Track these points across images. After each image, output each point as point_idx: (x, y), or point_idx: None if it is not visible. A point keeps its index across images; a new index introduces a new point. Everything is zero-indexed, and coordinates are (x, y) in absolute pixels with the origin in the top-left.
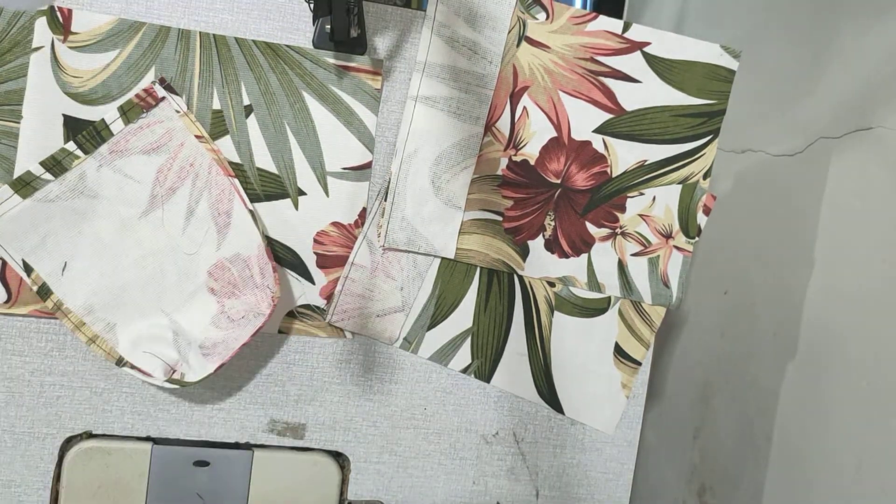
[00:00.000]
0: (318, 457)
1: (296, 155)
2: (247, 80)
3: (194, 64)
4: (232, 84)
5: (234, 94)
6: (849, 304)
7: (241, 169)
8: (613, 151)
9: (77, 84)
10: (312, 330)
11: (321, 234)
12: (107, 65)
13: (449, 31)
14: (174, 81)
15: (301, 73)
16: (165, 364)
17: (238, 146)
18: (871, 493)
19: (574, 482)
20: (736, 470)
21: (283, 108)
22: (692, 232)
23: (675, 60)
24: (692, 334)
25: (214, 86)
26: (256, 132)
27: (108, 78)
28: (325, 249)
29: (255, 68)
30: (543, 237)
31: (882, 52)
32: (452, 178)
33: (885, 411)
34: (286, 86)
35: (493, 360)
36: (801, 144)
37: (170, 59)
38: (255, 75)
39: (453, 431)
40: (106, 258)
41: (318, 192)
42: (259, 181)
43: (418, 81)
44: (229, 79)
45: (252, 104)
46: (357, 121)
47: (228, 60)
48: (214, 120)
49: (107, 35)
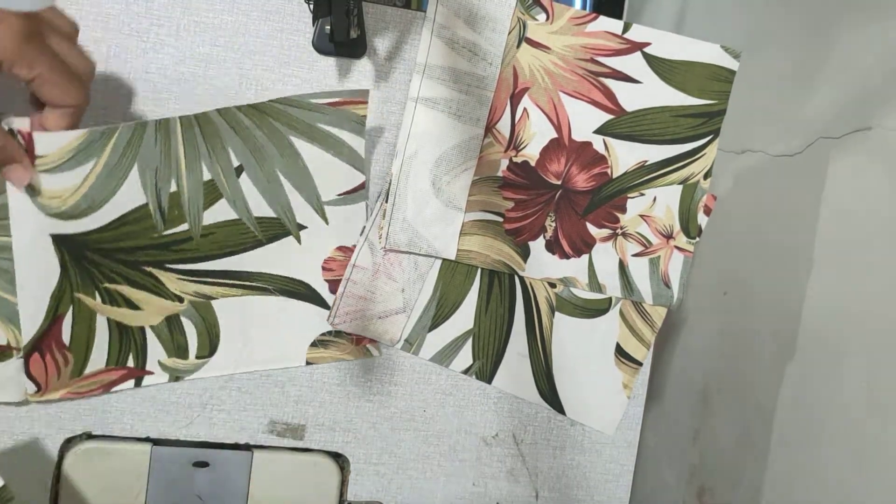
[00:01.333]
0: (317, 458)
1: (291, 195)
2: (234, 144)
3: (178, 147)
4: (220, 153)
5: (222, 160)
6: (849, 305)
7: (240, 223)
8: (614, 152)
9: (57, 204)
10: (339, 355)
11: (328, 261)
12: (85, 177)
13: (449, 33)
14: (160, 170)
15: (287, 121)
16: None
17: (234, 204)
18: (871, 495)
19: (574, 483)
20: (736, 471)
21: (273, 158)
22: (693, 232)
23: (676, 61)
24: (692, 335)
25: (202, 160)
26: (250, 186)
27: (90, 189)
28: (335, 275)
29: (241, 131)
30: (544, 238)
31: (882, 52)
32: (453, 179)
33: (884, 412)
34: (273, 138)
35: (494, 362)
36: (801, 145)
37: (150, 151)
38: (241, 137)
39: (453, 433)
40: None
41: (317, 222)
42: (259, 228)
43: (418, 83)
44: (216, 149)
45: (242, 164)
46: (346, 148)
47: (213, 133)
48: (207, 190)
49: (77, 150)
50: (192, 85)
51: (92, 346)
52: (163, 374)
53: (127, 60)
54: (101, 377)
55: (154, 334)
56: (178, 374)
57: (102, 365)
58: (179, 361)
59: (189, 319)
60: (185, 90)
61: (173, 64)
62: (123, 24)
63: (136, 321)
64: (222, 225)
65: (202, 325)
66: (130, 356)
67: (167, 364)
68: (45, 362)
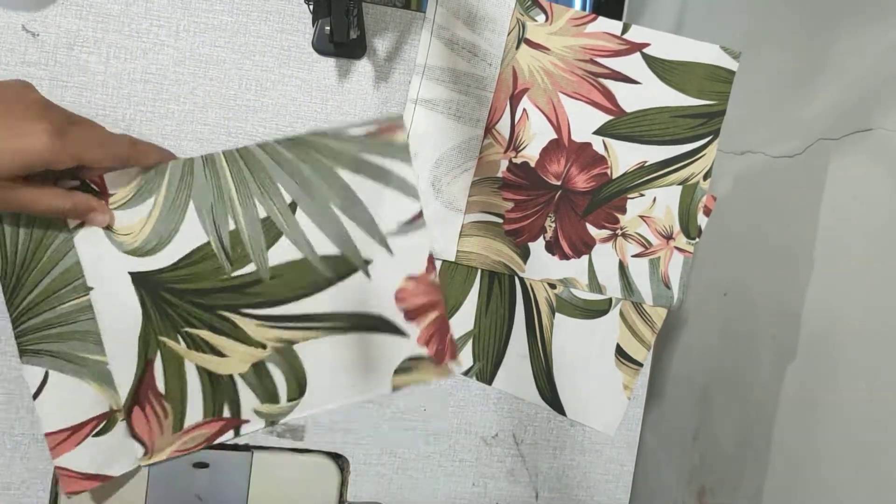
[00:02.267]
0: (317, 458)
1: (351, 230)
2: (282, 179)
3: (228, 183)
4: (270, 188)
5: (274, 196)
6: (848, 306)
7: (307, 262)
8: (613, 153)
9: (131, 240)
10: (423, 377)
11: (400, 292)
12: (149, 212)
13: (448, 34)
14: (215, 207)
15: (329, 154)
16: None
17: (296, 242)
18: (871, 496)
19: (574, 484)
20: (736, 471)
21: (324, 191)
22: (693, 233)
23: (675, 61)
24: (691, 336)
25: (254, 196)
26: (307, 222)
27: (157, 223)
28: (409, 304)
29: (286, 165)
30: (544, 239)
31: (882, 53)
32: (453, 180)
33: (884, 414)
34: (320, 171)
35: (495, 363)
36: (801, 146)
37: (203, 187)
38: (287, 172)
39: (453, 433)
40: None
41: (383, 255)
42: (327, 267)
43: (418, 84)
44: (265, 184)
45: (294, 199)
46: (395, 178)
47: (258, 168)
48: (266, 228)
49: (140, 185)
50: (192, 86)
51: (187, 396)
52: (259, 421)
53: (127, 61)
54: (203, 430)
55: (244, 382)
56: (273, 419)
57: (200, 417)
58: (273, 406)
59: (275, 365)
60: (184, 91)
61: (173, 65)
62: (123, 25)
63: (224, 369)
64: (289, 266)
65: (289, 371)
66: (226, 406)
67: (262, 410)
68: (147, 415)
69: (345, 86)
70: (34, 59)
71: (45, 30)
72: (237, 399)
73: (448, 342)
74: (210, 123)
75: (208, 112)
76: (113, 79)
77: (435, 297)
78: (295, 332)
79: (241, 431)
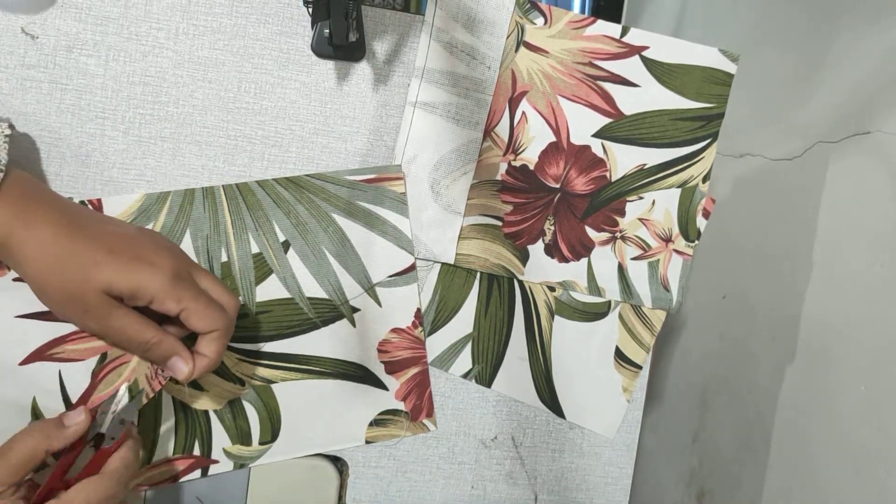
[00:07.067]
0: (316, 461)
1: (341, 276)
2: (277, 217)
3: (225, 216)
4: (265, 225)
5: (268, 234)
6: (847, 308)
7: (293, 302)
8: (612, 155)
9: None
10: (397, 432)
11: (383, 343)
12: None
13: (447, 37)
14: (210, 238)
15: (326, 197)
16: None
17: (285, 281)
18: (871, 496)
19: (573, 486)
20: (735, 473)
21: (318, 234)
22: (692, 235)
23: (674, 64)
24: (691, 338)
25: (248, 231)
26: (298, 264)
27: None
28: (391, 356)
29: (283, 204)
30: (543, 242)
31: (880, 56)
32: (452, 183)
33: (884, 414)
34: (315, 213)
35: (494, 365)
36: (800, 149)
37: (201, 218)
38: (283, 211)
39: (452, 436)
40: None
41: (371, 305)
42: (313, 310)
43: (417, 87)
44: (261, 221)
45: (288, 239)
46: (391, 228)
47: (255, 204)
48: (257, 263)
49: (139, 211)
50: (192, 89)
51: (160, 428)
52: (228, 462)
53: (126, 64)
54: (170, 467)
55: (217, 419)
56: (243, 462)
57: (170, 451)
58: (244, 448)
59: (251, 404)
60: (184, 94)
61: (172, 67)
62: (122, 28)
63: (200, 404)
64: (276, 303)
65: (264, 412)
66: (196, 443)
67: (232, 452)
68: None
69: (344, 88)
70: (34, 62)
71: (45, 32)
72: (209, 437)
73: (426, 399)
74: (209, 126)
75: (207, 115)
76: (112, 81)
77: (418, 352)
78: (275, 371)
79: (208, 472)
